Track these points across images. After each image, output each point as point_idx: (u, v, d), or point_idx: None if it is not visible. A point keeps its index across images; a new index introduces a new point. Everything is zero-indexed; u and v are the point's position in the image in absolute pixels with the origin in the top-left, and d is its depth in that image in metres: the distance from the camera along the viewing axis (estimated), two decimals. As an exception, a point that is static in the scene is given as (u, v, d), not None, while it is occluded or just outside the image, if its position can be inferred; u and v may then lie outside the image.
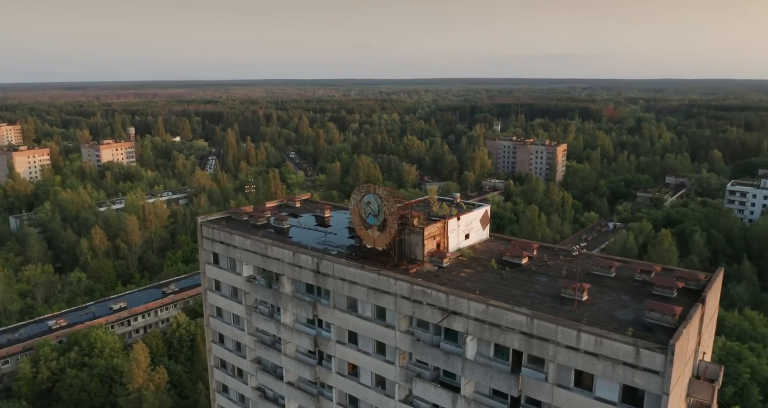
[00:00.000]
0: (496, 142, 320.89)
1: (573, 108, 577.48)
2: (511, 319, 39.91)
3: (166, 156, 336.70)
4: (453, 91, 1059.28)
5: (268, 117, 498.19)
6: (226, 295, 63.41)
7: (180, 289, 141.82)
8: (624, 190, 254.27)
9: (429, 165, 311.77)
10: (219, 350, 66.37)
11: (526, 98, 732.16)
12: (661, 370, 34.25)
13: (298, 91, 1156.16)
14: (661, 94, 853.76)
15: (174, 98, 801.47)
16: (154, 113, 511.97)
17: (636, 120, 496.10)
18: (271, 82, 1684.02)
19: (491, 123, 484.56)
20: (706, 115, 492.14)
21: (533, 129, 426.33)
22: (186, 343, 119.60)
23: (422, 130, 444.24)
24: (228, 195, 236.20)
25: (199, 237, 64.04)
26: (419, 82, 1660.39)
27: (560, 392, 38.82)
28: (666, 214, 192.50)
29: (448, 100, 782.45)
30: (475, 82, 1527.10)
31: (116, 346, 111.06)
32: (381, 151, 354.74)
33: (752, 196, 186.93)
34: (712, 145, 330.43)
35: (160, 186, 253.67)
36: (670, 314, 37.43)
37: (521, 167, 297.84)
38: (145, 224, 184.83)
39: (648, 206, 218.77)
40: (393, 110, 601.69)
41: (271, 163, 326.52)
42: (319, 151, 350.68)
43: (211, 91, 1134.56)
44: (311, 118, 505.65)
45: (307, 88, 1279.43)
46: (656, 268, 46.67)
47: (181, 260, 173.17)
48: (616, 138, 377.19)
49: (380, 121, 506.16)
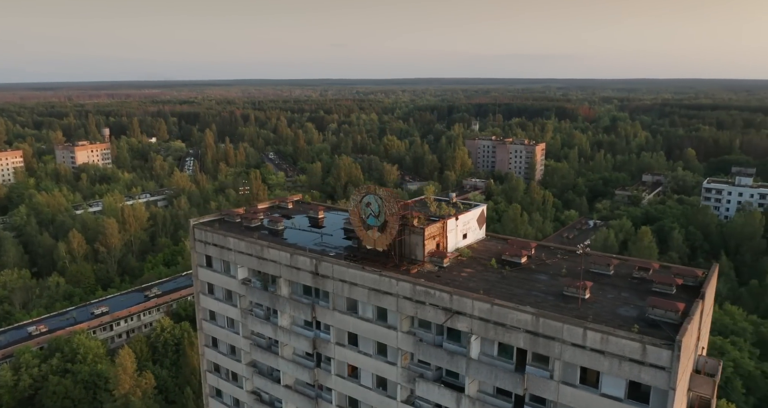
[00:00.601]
0: (475, 141, 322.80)
1: (549, 108, 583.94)
2: (517, 318, 40.10)
3: (143, 157, 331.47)
4: (430, 91, 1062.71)
5: (246, 117, 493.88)
6: (219, 298, 62.59)
7: (163, 292, 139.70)
8: (602, 188, 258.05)
9: (410, 165, 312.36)
10: (212, 354, 65.46)
11: (502, 98, 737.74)
12: (668, 366, 34.74)
13: (274, 91, 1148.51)
14: (634, 94, 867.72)
15: (148, 99, 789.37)
16: (128, 114, 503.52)
17: (611, 119, 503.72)
18: (247, 82, 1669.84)
19: (469, 123, 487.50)
20: (678, 114, 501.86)
21: (511, 128, 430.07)
22: (171, 347, 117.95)
23: (401, 130, 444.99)
24: (208, 196, 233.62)
25: (192, 240, 63.13)
26: (396, 82, 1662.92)
27: (566, 390, 39.12)
28: (645, 211, 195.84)
29: (425, 100, 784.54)
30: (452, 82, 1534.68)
31: (100, 352, 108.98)
32: (361, 151, 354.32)
33: (727, 193, 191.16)
34: (686, 143, 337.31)
35: (138, 188, 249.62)
36: (673, 310, 38.00)
37: (501, 166, 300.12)
38: (124, 227, 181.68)
39: (626, 204, 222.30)
40: (371, 110, 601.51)
41: (251, 163, 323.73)
42: (299, 152, 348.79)
43: (186, 91, 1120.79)
44: (289, 119, 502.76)
45: (283, 88, 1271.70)
46: (654, 265, 47.34)
47: (162, 263, 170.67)
48: (592, 137, 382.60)
49: (359, 121, 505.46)
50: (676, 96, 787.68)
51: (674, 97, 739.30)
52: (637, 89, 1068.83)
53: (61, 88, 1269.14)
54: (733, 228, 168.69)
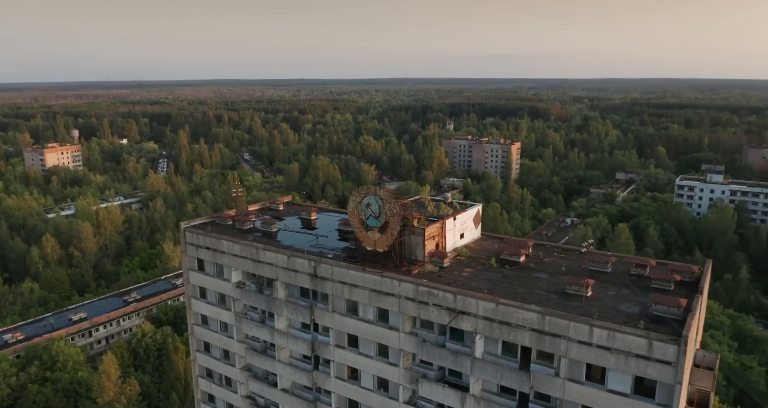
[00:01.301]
0: (451, 141, 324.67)
1: (522, 107, 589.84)
2: (522, 316, 40.39)
3: (115, 159, 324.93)
4: (403, 91, 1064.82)
5: (219, 118, 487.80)
6: (212, 302, 61.63)
7: (142, 296, 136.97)
8: (577, 186, 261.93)
9: (387, 164, 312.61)
10: (205, 359, 64.42)
11: (475, 98, 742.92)
12: (674, 361, 35.38)
13: (246, 91, 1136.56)
14: (603, 93, 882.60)
15: (117, 99, 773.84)
16: (98, 115, 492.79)
17: (582, 118, 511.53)
18: (218, 83, 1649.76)
19: (444, 122, 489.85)
20: (648, 113, 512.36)
21: (485, 128, 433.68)
22: (153, 352, 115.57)
23: (376, 130, 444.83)
24: (184, 198, 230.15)
25: (183, 243, 62.03)
26: (369, 82, 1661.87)
27: (572, 386, 39.55)
28: (620, 209, 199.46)
29: (399, 100, 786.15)
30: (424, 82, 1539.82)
31: (80, 359, 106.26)
32: (337, 152, 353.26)
33: (699, 190, 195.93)
34: (656, 141, 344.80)
35: (112, 190, 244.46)
36: (676, 306, 38.74)
37: (477, 166, 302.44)
38: (99, 231, 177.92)
39: (601, 202, 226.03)
40: (346, 110, 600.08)
41: (226, 165, 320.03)
42: (275, 152, 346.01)
43: (156, 91, 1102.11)
44: (264, 119, 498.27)
45: (255, 88, 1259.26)
46: (651, 262, 48.19)
47: (140, 267, 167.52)
48: (565, 136, 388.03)
49: (333, 121, 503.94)
50: (644, 95, 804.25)
51: (643, 97, 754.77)
52: (606, 89, 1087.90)
53: (25, 89, 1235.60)
54: (706, 224, 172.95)
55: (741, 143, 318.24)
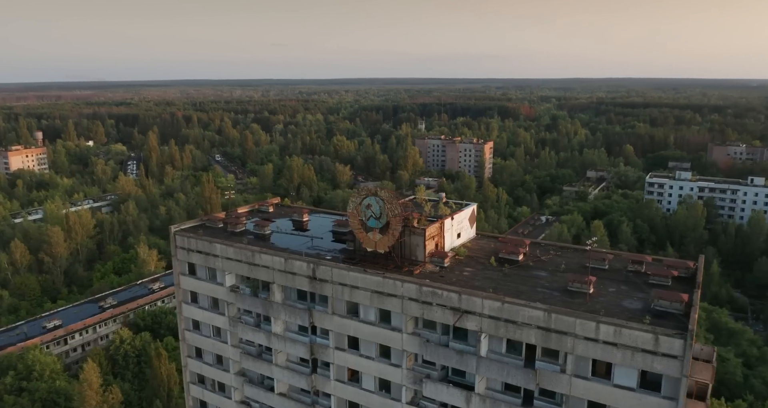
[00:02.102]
0: (425, 141, 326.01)
1: (492, 107, 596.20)
2: (528, 314, 40.76)
3: (82, 162, 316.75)
4: (373, 91, 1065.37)
5: (188, 119, 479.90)
6: (204, 306, 60.53)
7: (118, 302, 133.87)
8: (550, 184, 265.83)
9: (361, 165, 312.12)
10: (197, 365, 63.25)
11: (445, 97, 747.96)
12: (680, 355, 36.19)
13: (214, 91, 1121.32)
14: (570, 93, 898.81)
15: (81, 100, 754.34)
16: (62, 117, 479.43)
17: (551, 117, 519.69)
18: (185, 83, 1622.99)
19: (415, 122, 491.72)
20: (614, 112, 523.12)
21: (457, 127, 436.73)
22: (132, 359, 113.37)
23: (348, 130, 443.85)
24: (156, 201, 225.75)
25: (173, 247, 60.77)
26: (338, 82, 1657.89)
27: (578, 382, 40.09)
28: (593, 206, 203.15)
29: (369, 100, 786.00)
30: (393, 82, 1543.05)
31: (56, 368, 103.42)
32: (311, 152, 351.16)
33: (669, 187, 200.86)
34: (624, 140, 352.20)
35: (81, 194, 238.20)
36: (678, 301, 39.60)
37: (451, 165, 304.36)
38: (70, 235, 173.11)
39: (574, 199, 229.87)
40: (317, 110, 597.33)
41: (198, 166, 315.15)
42: (248, 153, 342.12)
43: (121, 92, 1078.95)
44: (234, 120, 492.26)
45: (223, 89, 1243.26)
46: (647, 258, 49.17)
47: (113, 272, 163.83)
48: (535, 135, 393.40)
49: (305, 121, 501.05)
50: (609, 94, 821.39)
51: (608, 96, 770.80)
52: (572, 88, 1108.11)
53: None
54: (677, 220, 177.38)
55: (705, 141, 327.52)
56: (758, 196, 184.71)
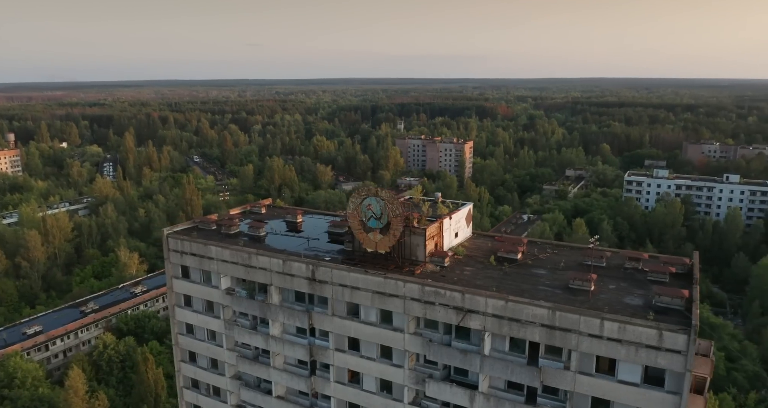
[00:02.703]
0: (405, 140, 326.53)
1: (470, 107, 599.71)
2: (532, 312, 41.04)
3: (57, 164, 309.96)
4: (350, 91, 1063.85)
5: (165, 120, 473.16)
6: (198, 310, 59.72)
7: (100, 307, 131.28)
8: (530, 183, 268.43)
9: (342, 165, 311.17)
10: (191, 369, 62.34)
11: (423, 97, 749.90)
12: (684, 350, 36.77)
13: (189, 92, 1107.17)
14: (546, 93, 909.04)
15: (54, 101, 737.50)
16: (34, 118, 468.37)
17: (528, 117, 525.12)
18: (159, 83, 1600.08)
19: (394, 122, 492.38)
20: (589, 111, 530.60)
21: (436, 127, 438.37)
22: (116, 364, 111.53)
23: (327, 131, 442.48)
24: (134, 203, 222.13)
25: (165, 250, 59.81)
26: (315, 82, 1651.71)
27: (583, 379, 40.48)
28: (574, 204, 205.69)
29: (347, 100, 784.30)
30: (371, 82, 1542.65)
31: (39, 375, 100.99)
32: (290, 153, 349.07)
33: (647, 185, 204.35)
34: (600, 139, 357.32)
35: (56, 197, 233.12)
36: (679, 297, 40.26)
37: (431, 165, 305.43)
38: (47, 239, 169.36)
39: (554, 198, 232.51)
40: (295, 111, 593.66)
41: (176, 167, 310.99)
42: (227, 154, 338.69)
43: (94, 93, 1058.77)
44: (211, 121, 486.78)
45: (199, 89, 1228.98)
46: (644, 255, 49.90)
47: (93, 276, 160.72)
48: (513, 134, 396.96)
49: (283, 121, 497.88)
50: (584, 94, 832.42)
51: (583, 96, 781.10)
52: (548, 88, 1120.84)
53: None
54: (655, 217, 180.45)
55: (679, 139, 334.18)
56: (734, 193, 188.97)
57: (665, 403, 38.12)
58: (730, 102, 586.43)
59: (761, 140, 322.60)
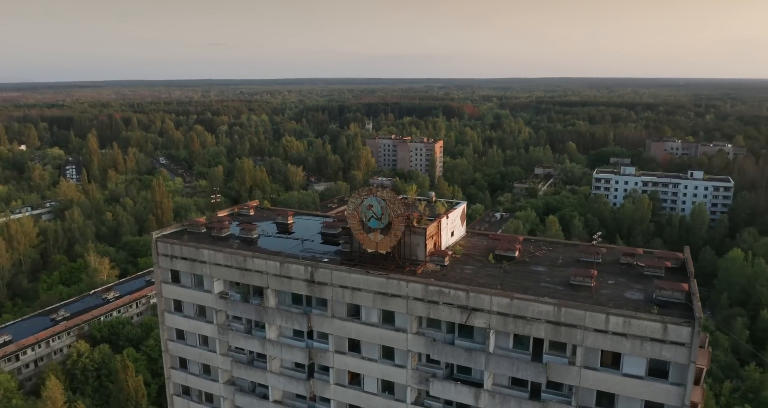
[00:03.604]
0: (376, 140, 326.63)
1: (437, 106, 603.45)
2: (537, 309, 41.49)
3: (16, 167, 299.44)
4: (316, 91, 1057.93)
5: (128, 121, 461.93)
6: (190, 315, 58.44)
7: (71, 314, 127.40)
8: (500, 182, 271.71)
9: (313, 165, 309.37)
10: (181, 376, 60.96)
11: (390, 97, 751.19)
12: (688, 342, 37.72)
13: (151, 92, 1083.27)
14: (510, 92, 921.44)
15: (9, 102, 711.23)
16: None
17: (494, 116, 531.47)
18: (119, 84, 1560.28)
19: (363, 122, 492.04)
20: (554, 110, 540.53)
21: (405, 127, 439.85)
22: (91, 373, 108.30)
23: (295, 131, 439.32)
24: (101, 207, 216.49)
25: (154, 254, 58.38)
26: (280, 82, 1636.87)
27: (588, 374, 41.13)
28: (545, 202, 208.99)
29: (314, 100, 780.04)
30: (336, 82, 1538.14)
31: (11, 386, 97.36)
32: (259, 154, 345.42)
33: (615, 182, 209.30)
34: (566, 137, 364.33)
35: (18, 201, 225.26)
36: (680, 291, 41.26)
37: (402, 164, 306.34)
38: (12, 245, 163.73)
39: (525, 196, 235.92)
40: (261, 111, 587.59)
41: (142, 170, 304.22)
42: (194, 156, 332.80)
43: (51, 94, 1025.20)
44: (176, 121, 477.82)
45: (161, 89, 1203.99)
46: (638, 251, 50.98)
47: (60, 282, 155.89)
48: (481, 133, 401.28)
49: (250, 122, 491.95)
50: (547, 94, 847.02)
51: (546, 95, 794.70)
52: (512, 88, 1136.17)
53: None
54: (625, 213, 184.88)
55: (642, 137, 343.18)
56: (698, 189, 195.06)
57: (669, 394, 39.02)
58: (687, 101, 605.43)
59: (720, 137, 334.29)
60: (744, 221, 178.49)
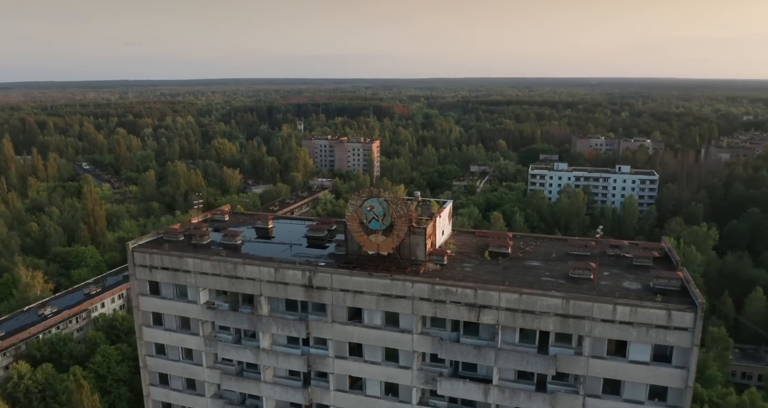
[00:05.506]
0: (312, 141, 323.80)
1: (366, 106, 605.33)
2: (546, 303, 42.57)
3: None
4: (241, 92, 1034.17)
5: (43, 125, 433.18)
6: (171, 328, 55.66)
7: (6, 333, 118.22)
8: (438, 180, 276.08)
9: (249, 168, 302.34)
10: (162, 393, 57.94)
11: (318, 97, 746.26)
12: (691, 327, 39.90)
13: (64, 94, 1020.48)
14: (435, 92, 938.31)
15: None
16: None
17: (424, 116, 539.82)
18: (27, 85, 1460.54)
19: (294, 123, 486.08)
20: (481, 109, 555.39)
21: (338, 127, 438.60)
22: (35, 395, 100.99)
23: (225, 133, 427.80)
24: (23, 217, 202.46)
25: (131, 266, 55.17)
26: (202, 82, 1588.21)
27: (596, 363, 42.65)
28: (486, 198, 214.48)
29: (240, 101, 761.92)
30: (261, 83, 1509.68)
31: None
32: (190, 157, 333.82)
33: (549, 178, 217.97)
34: (496, 136, 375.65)
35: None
36: (676, 279, 43.54)
37: (340, 165, 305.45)
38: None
39: (464, 193, 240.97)
40: (186, 113, 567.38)
41: (64, 176, 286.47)
42: (121, 160, 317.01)
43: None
44: (96, 125, 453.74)
45: (74, 91, 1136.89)
46: (624, 243, 53.30)
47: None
48: (414, 133, 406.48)
49: (176, 124, 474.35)
50: (471, 93, 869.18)
51: (471, 95, 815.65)
52: (437, 87, 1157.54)
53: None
54: (561, 207, 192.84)
55: (567, 134, 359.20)
56: (626, 182, 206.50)
57: (674, 377, 41.14)
58: (603, 99, 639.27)
59: (637, 133, 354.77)
60: (670, 212, 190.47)
